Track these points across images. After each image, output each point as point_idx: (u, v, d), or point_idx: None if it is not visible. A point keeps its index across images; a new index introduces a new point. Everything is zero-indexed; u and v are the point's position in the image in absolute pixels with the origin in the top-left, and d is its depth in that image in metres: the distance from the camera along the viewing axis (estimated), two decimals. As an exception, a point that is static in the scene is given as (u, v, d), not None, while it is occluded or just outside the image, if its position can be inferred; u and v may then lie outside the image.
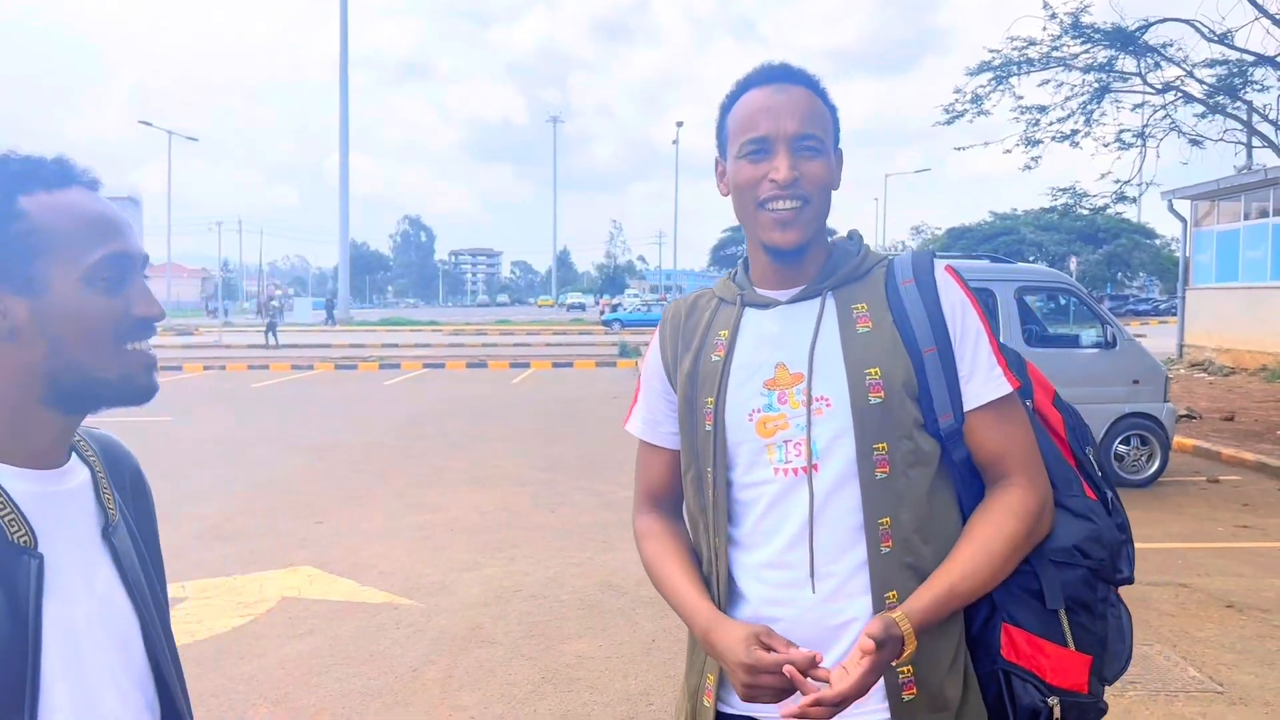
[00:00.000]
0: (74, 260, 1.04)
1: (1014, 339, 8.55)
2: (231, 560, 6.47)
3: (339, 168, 51.02)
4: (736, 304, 1.59)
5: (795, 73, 1.53)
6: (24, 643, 0.98)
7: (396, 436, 12.16)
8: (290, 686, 4.42)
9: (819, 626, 1.47)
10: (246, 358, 25.59)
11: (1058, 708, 1.44)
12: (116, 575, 1.12)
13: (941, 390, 1.47)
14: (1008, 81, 14.07)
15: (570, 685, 4.42)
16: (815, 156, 1.48)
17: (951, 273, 1.55)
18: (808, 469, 1.47)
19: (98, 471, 1.15)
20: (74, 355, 1.05)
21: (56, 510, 1.07)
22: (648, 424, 1.68)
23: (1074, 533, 1.49)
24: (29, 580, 1.00)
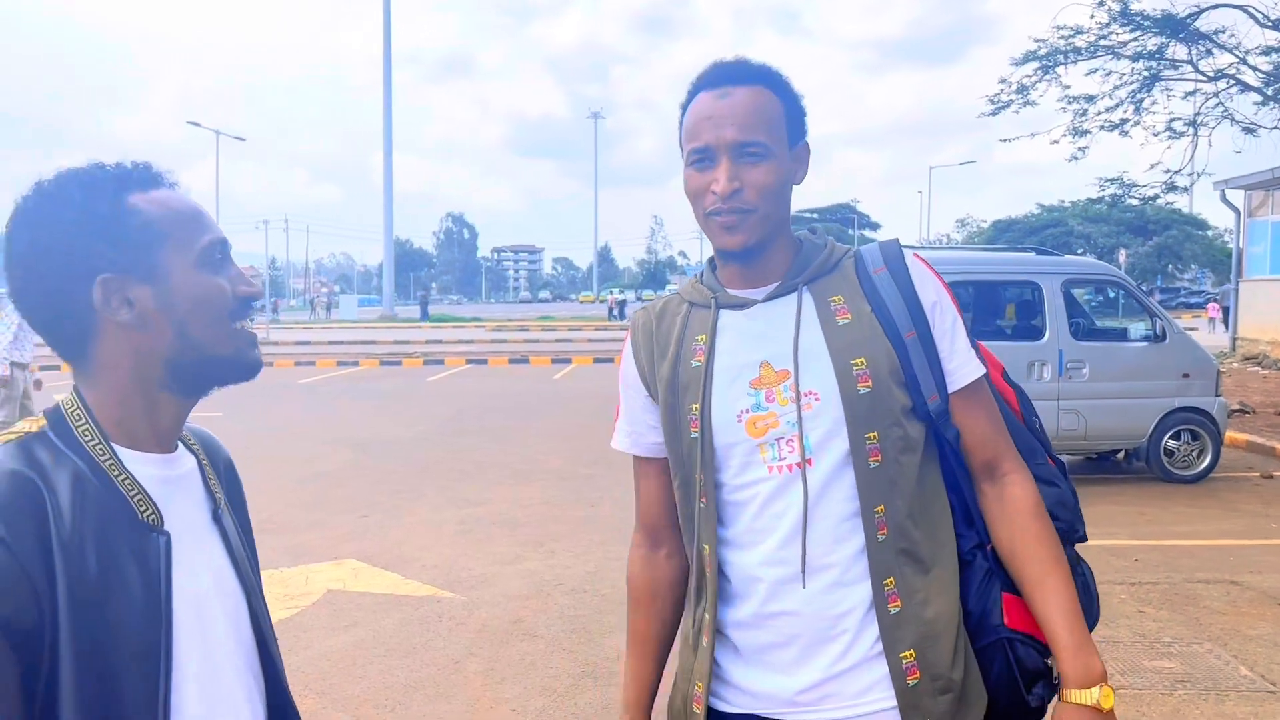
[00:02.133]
0: (186, 247, 1.14)
1: (1061, 333, 8.44)
2: (279, 553, 6.57)
3: (383, 166, 51.53)
4: (710, 306, 1.57)
5: (743, 71, 1.50)
6: (158, 614, 1.07)
7: (440, 432, 12.28)
8: (335, 678, 4.49)
9: (819, 618, 1.47)
10: (294, 354, 25.96)
11: (1056, 664, 1.48)
12: (226, 554, 1.21)
13: (926, 372, 1.50)
14: (1054, 71, 13.86)
15: (611, 679, 4.44)
16: (759, 162, 1.46)
17: (921, 259, 1.58)
18: (801, 464, 1.47)
19: (201, 459, 1.24)
20: (197, 335, 1.14)
21: (175, 493, 1.16)
22: (632, 436, 1.67)
23: (1045, 498, 1.55)
24: (159, 556, 1.09)
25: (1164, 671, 4.48)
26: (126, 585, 1.06)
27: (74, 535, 1.03)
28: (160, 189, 1.17)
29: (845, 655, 1.47)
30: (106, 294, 1.10)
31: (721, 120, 1.45)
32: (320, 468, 9.80)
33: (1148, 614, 5.27)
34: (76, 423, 1.11)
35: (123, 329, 1.12)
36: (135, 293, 1.11)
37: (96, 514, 1.06)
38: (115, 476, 1.10)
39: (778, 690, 1.50)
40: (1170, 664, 4.56)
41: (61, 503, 1.04)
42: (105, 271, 1.10)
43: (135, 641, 1.05)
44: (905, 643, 1.45)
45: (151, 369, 1.14)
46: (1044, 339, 8.49)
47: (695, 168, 1.49)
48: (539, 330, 38.04)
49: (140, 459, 1.14)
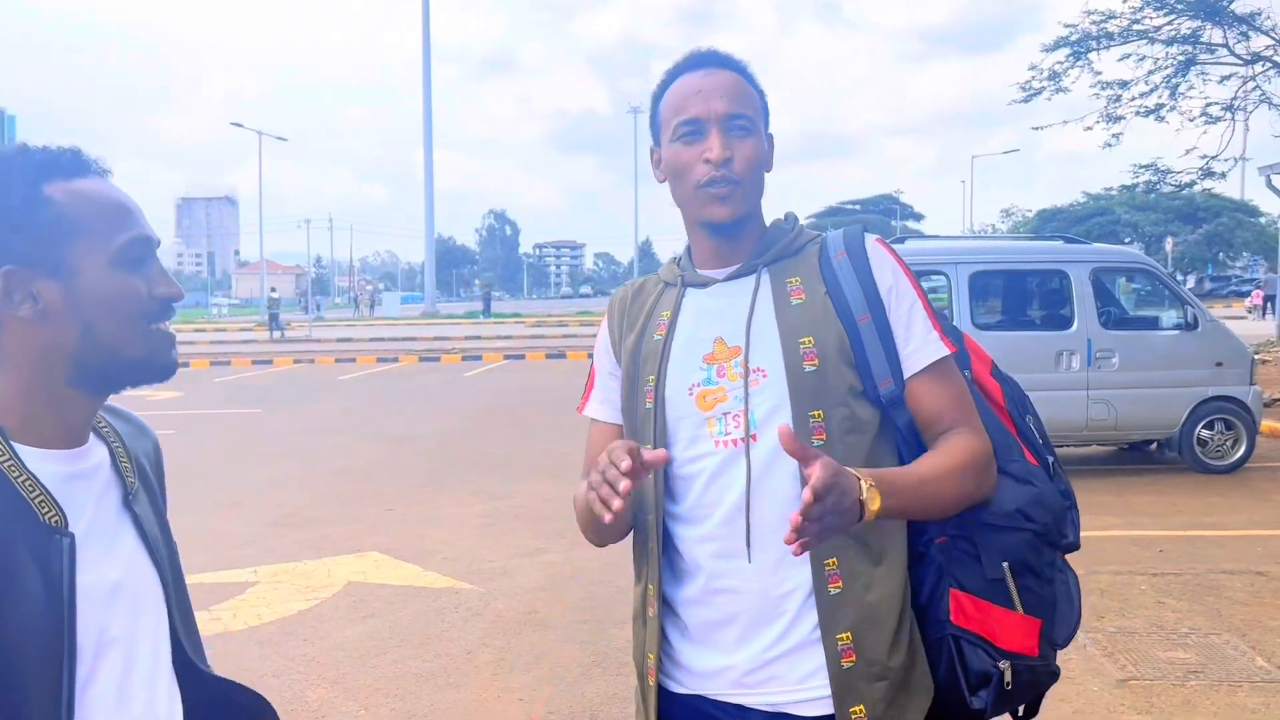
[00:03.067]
0: (101, 244, 1.10)
1: (1089, 322, 8.33)
2: (304, 546, 6.69)
3: (424, 164, 51.98)
4: (678, 285, 1.62)
5: (722, 58, 1.56)
6: (60, 617, 1.05)
7: (471, 426, 12.39)
8: (348, 668, 4.57)
9: (763, 596, 1.48)
10: (335, 351, 26.30)
11: (1008, 671, 1.45)
12: (139, 540, 1.19)
13: (880, 357, 1.50)
14: (1086, 57, 13.64)
15: (620, 669, 4.48)
16: (747, 136, 1.51)
17: (882, 244, 1.58)
18: (746, 440, 1.49)
19: (114, 444, 1.21)
20: (104, 335, 1.10)
21: (82, 487, 1.13)
22: (604, 404, 1.71)
23: (1016, 497, 1.51)
24: (62, 558, 1.06)
25: (1177, 662, 4.42)
26: (26, 589, 1.03)
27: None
28: (87, 178, 1.12)
29: (785, 636, 1.48)
30: (9, 287, 1.07)
31: (711, 94, 1.50)
32: (351, 462, 9.95)
33: (1167, 605, 5.20)
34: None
35: (26, 324, 1.08)
36: (40, 288, 1.07)
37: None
38: (14, 478, 1.06)
39: (721, 670, 1.52)
40: (1185, 655, 4.51)
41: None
42: (10, 264, 1.06)
43: (37, 644, 1.03)
44: (843, 625, 1.45)
45: (56, 366, 1.10)
46: (1072, 328, 8.39)
47: (683, 141, 1.52)
48: (578, 325, 38.16)
49: (44, 456, 1.10)
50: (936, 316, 1.55)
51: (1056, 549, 1.53)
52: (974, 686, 1.47)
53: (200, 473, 9.08)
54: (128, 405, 1.25)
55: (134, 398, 9.05)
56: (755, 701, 1.50)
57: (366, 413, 14.05)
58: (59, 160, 1.12)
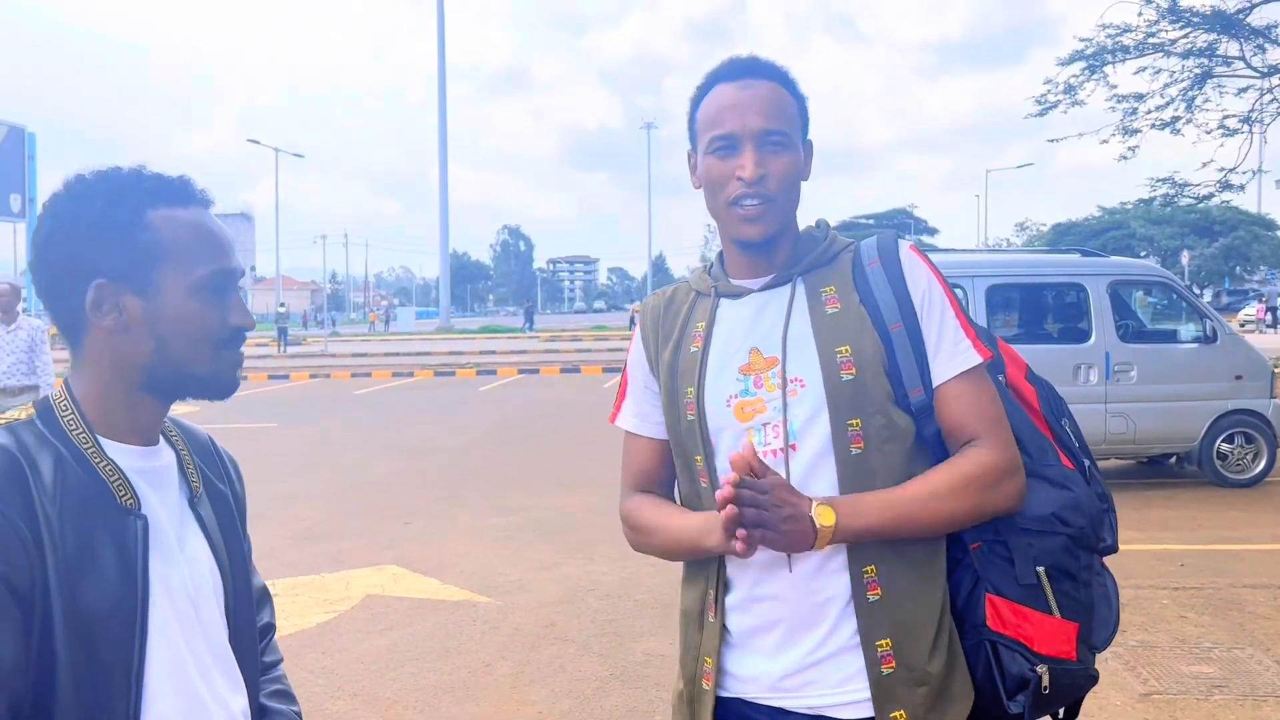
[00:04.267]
0: (186, 271, 1.20)
1: (1107, 335, 8.30)
2: (322, 559, 6.71)
3: (438, 180, 52.24)
4: (711, 295, 1.63)
5: (762, 67, 1.56)
6: (134, 594, 1.14)
7: (487, 440, 12.41)
8: (367, 680, 4.58)
9: (802, 605, 1.49)
10: (351, 366, 26.42)
11: (1046, 675, 1.45)
12: (204, 539, 1.28)
13: (911, 366, 1.50)
14: (1101, 70, 13.62)
15: (638, 682, 4.48)
16: (781, 152, 1.51)
17: (916, 251, 1.58)
18: (785, 449, 1.50)
19: (181, 451, 1.31)
20: (175, 352, 1.21)
21: (154, 483, 1.23)
22: (638, 417, 1.72)
23: (1051, 501, 1.51)
24: (136, 538, 1.16)
25: (1201, 677, 4.39)
26: (102, 564, 1.12)
27: (55, 512, 1.10)
28: (190, 207, 1.23)
29: (826, 642, 1.49)
30: (99, 298, 1.17)
31: (746, 109, 1.50)
32: (368, 475, 9.98)
33: (1189, 619, 5.16)
34: (63, 413, 1.19)
35: (106, 332, 1.19)
36: (126, 302, 1.18)
37: (77, 495, 1.13)
38: (96, 463, 1.17)
39: (761, 674, 1.54)
40: (1209, 669, 4.47)
41: (44, 481, 1.11)
42: (103, 276, 1.17)
43: (113, 619, 1.11)
44: (882, 631, 1.47)
45: (131, 373, 1.21)
46: (1090, 341, 8.36)
47: (717, 155, 1.52)
48: (592, 340, 38.23)
49: (121, 450, 1.20)
50: (970, 323, 1.55)
51: (1094, 552, 1.53)
52: (1011, 691, 1.48)
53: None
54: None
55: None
56: (795, 705, 1.52)
57: (383, 427, 14.09)
58: (167, 188, 1.22)
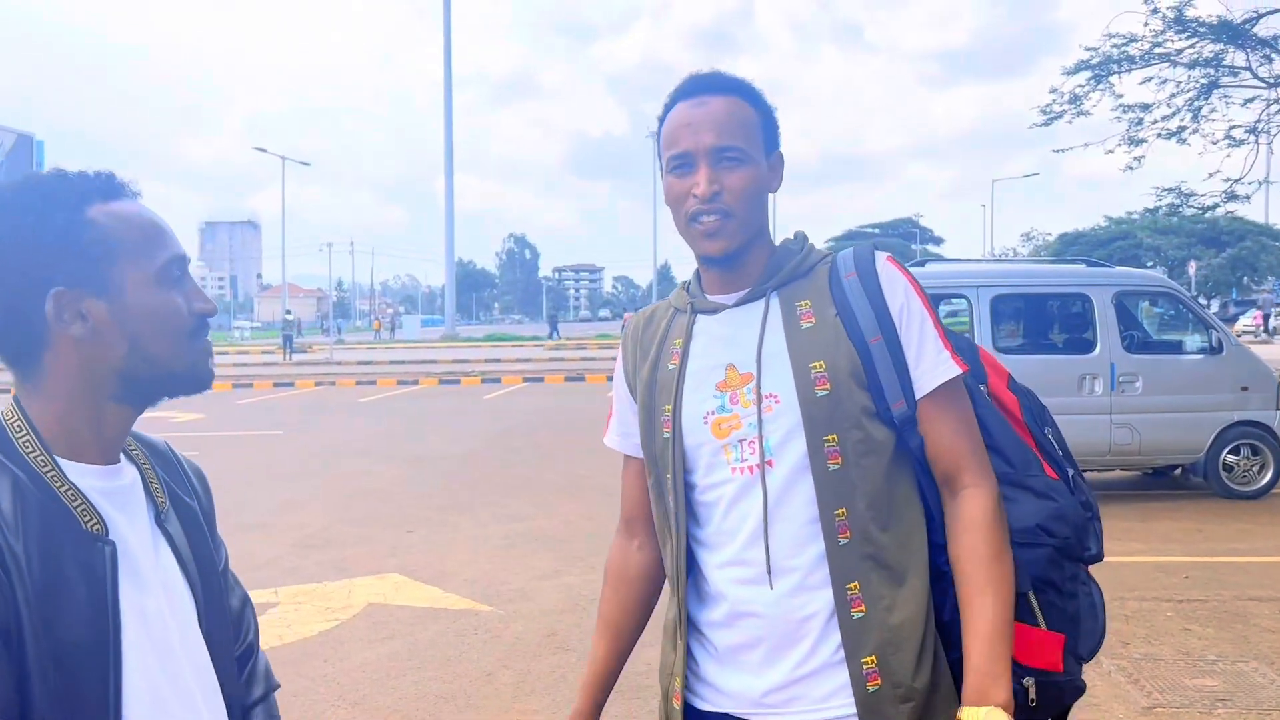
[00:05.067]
0: (144, 263, 1.14)
1: (1112, 346, 8.28)
2: (325, 567, 6.71)
3: (444, 188, 52.35)
4: (689, 312, 1.62)
5: (720, 81, 1.55)
6: (105, 625, 1.07)
7: (490, 448, 12.41)
8: (368, 689, 4.58)
9: (784, 621, 1.49)
10: (356, 374, 26.45)
11: (1033, 688, 1.45)
12: (173, 557, 1.21)
13: (892, 378, 1.49)
14: (1107, 80, 13.62)
15: (638, 693, 4.46)
16: (737, 167, 1.50)
17: (894, 262, 1.56)
18: (761, 466, 1.49)
19: (143, 465, 1.24)
20: (151, 350, 1.14)
21: (118, 504, 1.16)
22: (621, 436, 1.74)
23: (1036, 512, 1.51)
24: (105, 564, 1.09)
25: (1205, 690, 4.36)
26: (71, 595, 1.05)
27: (18, 543, 1.03)
28: (122, 200, 1.16)
29: (809, 659, 1.48)
30: (59, 307, 1.10)
31: (700, 127, 1.49)
32: (371, 484, 9.98)
33: (1193, 631, 5.14)
34: (17, 434, 1.11)
35: (74, 342, 1.12)
36: (88, 306, 1.11)
37: (39, 523, 1.06)
38: (58, 487, 1.09)
39: (746, 690, 1.53)
40: (1212, 682, 4.45)
41: (3, 509, 1.04)
42: (59, 284, 1.10)
43: (85, 650, 1.05)
44: (867, 648, 1.45)
45: (103, 380, 1.14)
46: (1095, 352, 8.34)
47: (675, 174, 1.52)
48: (596, 348, 38.22)
49: (82, 470, 1.13)
50: (948, 334, 1.55)
51: (1079, 562, 1.53)
52: None
53: (223, 493, 9.03)
54: (149, 427, 1.27)
55: (157, 420, 9.15)
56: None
57: (387, 435, 14.10)
58: (96, 184, 1.15)
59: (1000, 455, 1.55)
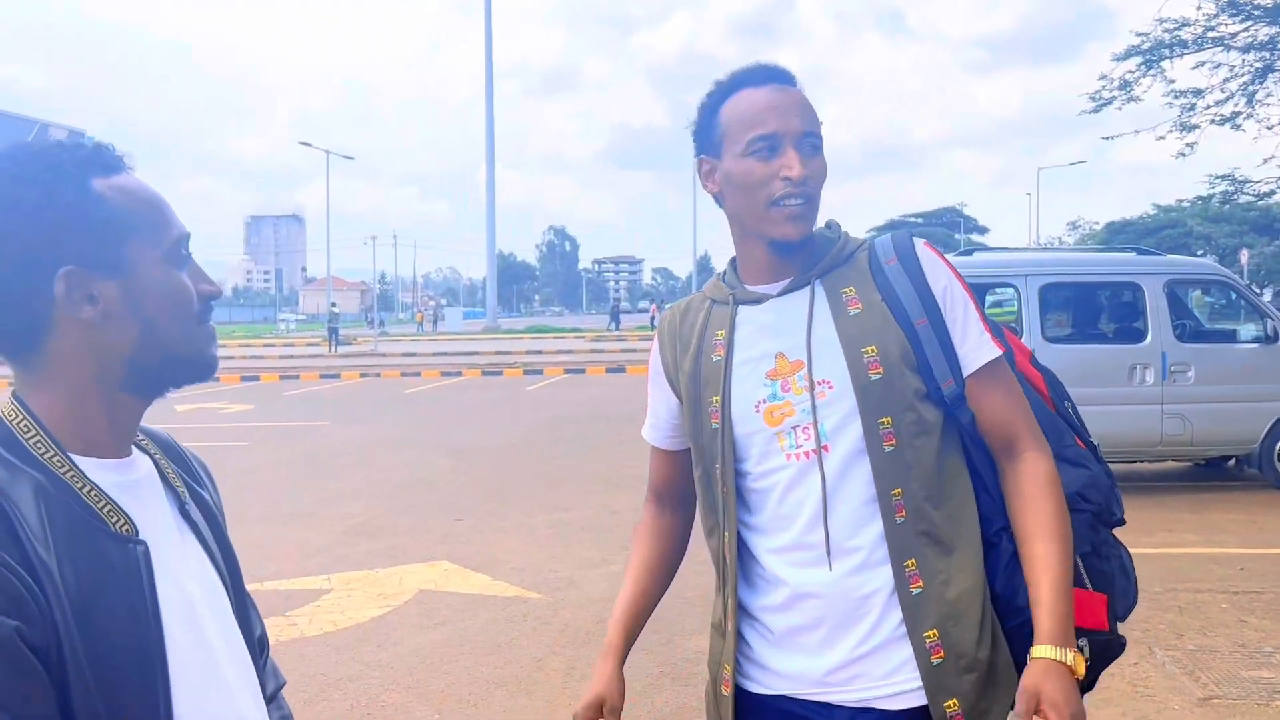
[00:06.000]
0: (154, 241, 1.06)
1: (1164, 335, 8.16)
2: (376, 555, 6.82)
3: (485, 181, 52.64)
4: (729, 303, 1.64)
5: (787, 73, 1.59)
6: (147, 630, 1.00)
7: (535, 439, 12.50)
8: (422, 674, 4.65)
9: (845, 600, 1.52)
10: (400, 365, 26.71)
11: (1086, 648, 1.49)
12: (201, 550, 1.15)
13: (940, 359, 1.53)
14: (1159, 65, 13.37)
15: (689, 679, 4.50)
16: (817, 154, 1.54)
17: (932, 248, 1.61)
18: (818, 451, 1.52)
19: (156, 456, 1.16)
20: (163, 333, 1.06)
21: (140, 498, 1.08)
22: (654, 429, 1.78)
23: (1074, 480, 1.57)
24: (139, 568, 1.01)
25: (1262, 681, 4.31)
26: (110, 602, 0.98)
27: (49, 553, 0.95)
28: (122, 174, 1.07)
29: (871, 636, 1.52)
30: (69, 288, 1.01)
31: (788, 110, 1.52)
32: (419, 474, 10.10)
33: (1249, 623, 5.07)
34: (25, 434, 1.01)
35: (83, 326, 1.02)
36: (100, 288, 1.02)
37: (66, 528, 0.97)
38: (79, 488, 1.00)
39: (806, 671, 1.56)
40: (1270, 674, 4.39)
41: (29, 519, 0.95)
42: (69, 264, 1.00)
43: (128, 659, 0.98)
44: (928, 623, 1.49)
45: (111, 368, 1.05)
46: (1146, 341, 8.23)
47: (757, 156, 1.52)
48: (636, 340, 38.26)
49: (99, 466, 1.04)
50: (985, 318, 1.60)
51: (1108, 526, 1.60)
52: None
53: (274, 483, 9.30)
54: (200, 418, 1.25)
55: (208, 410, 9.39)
56: (842, 699, 1.54)
57: (432, 425, 14.25)
58: (97, 156, 1.06)
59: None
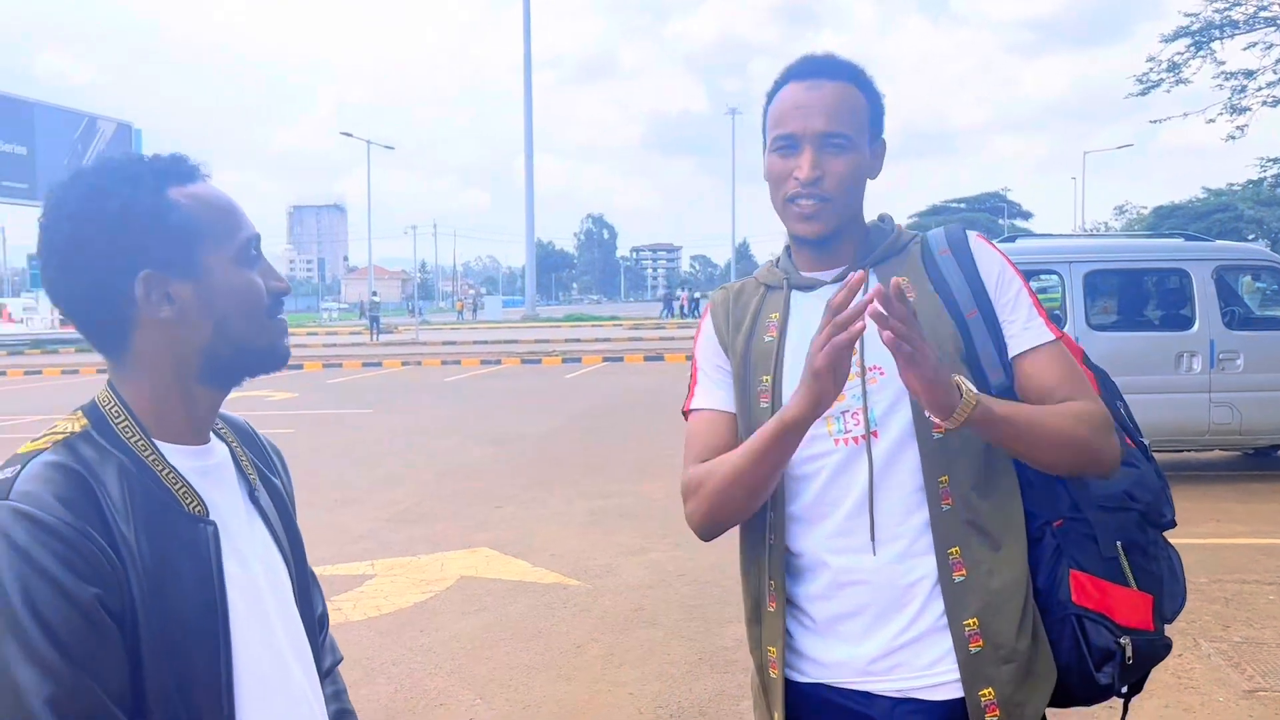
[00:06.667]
0: (224, 244, 1.16)
1: (1212, 322, 8.02)
2: (418, 541, 6.91)
3: (524, 170, 52.78)
4: (783, 288, 1.66)
5: (834, 66, 1.57)
6: (212, 601, 1.10)
7: (574, 427, 12.56)
8: (464, 659, 4.72)
9: (889, 588, 1.52)
10: (440, 354, 26.93)
11: (1129, 646, 1.49)
12: (267, 532, 1.25)
13: (989, 351, 1.54)
14: (1208, 46, 13.09)
15: (727, 667, 4.52)
16: (840, 154, 1.53)
17: (985, 240, 1.61)
18: (866, 437, 1.53)
19: (232, 444, 1.27)
20: (234, 329, 1.16)
21: (214, 483, 1.18)
22: (709, 394, 1.68)
23: (1123, 478, 1.56)
24: (208, 545, 1.12)
25: (1310, 675, 4.24)
26: (180, 575, 1.08)
27: (128, 528, 1.06)
28: (197, 182, 1.17)
29: (912, 625, 1.52)
30: (148, 290, 1.11)
31: (811, 110, 1.53)
32: (460, 461, 10.20)
33: (1298, 616, 4.99)
34: (116, 419, 1.13)
35: (162, 324, 1.13)
36: (176, 289, 1.12)
37: (145, 506, 1.08)
38: (159, 471, 1.12)
39: (848, 659, 1.56)
40: (1318, 668, 4.32)
41: (113, 496, 1.07)
42: (147, 267, 1.11)
43: (194, 629, 1.08)
44: (968, 611, 1.49)
45: (189, 362, 1.15)
46: (1193, 328, 8.09)
47: (779, 154, 1.56)
48: (675, 328, 38.25)
49: (178, 452, 1.15)
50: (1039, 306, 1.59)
51: (1158, 528, 1.58)
52: (1099, 663, 1.51)
53: (317, 470, 9.43)
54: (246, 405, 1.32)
55: (253, 398, 9.54)
56: (882, 688, 1.54)
57: (472, 413, 14.36)
58: (174, 167, 1.16)
59: None
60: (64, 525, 1.01)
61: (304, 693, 1.23)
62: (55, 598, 0.99)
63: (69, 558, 1.00)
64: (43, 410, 15.14)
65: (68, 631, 0.99)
